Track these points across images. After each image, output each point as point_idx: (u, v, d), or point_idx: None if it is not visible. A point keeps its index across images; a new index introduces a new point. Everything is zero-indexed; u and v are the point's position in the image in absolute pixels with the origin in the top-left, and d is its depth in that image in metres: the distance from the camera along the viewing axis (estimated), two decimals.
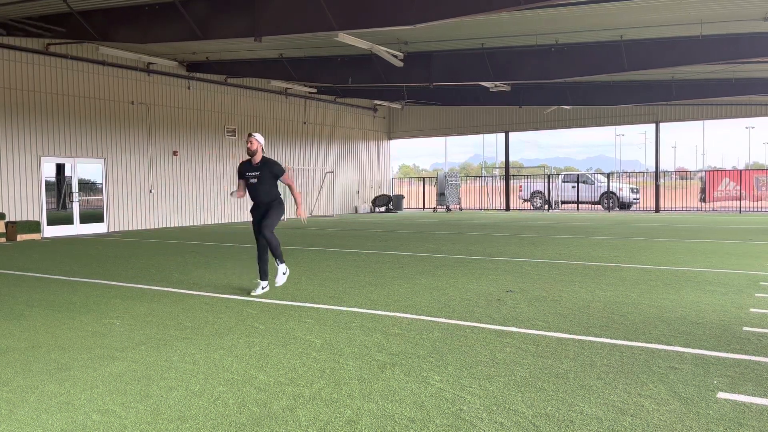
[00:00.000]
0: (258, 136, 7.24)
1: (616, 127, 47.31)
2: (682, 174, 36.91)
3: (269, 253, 7.32)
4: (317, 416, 3.52)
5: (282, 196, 7.44)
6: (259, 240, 7.31)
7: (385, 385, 4.03)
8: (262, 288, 7.38)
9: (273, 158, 7.55)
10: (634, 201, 28.73)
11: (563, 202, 30.04)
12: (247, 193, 7.46)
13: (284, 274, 7.42)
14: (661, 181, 27.99)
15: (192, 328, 5.67)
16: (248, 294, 7.28)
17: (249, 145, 7.21)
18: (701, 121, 27.03)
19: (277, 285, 7.47)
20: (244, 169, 7.38)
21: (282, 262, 7.37)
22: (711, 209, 26.94)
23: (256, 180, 7.23)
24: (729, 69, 19.20)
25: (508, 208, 30.07)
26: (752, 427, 3.30)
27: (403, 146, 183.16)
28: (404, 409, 3.61)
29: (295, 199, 7.33)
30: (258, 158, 7.25)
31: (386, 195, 29.91)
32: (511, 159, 31.51)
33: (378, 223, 21.32)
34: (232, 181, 22.45)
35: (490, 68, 18.00)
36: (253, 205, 7.39)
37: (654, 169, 27.65)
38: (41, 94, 16.66)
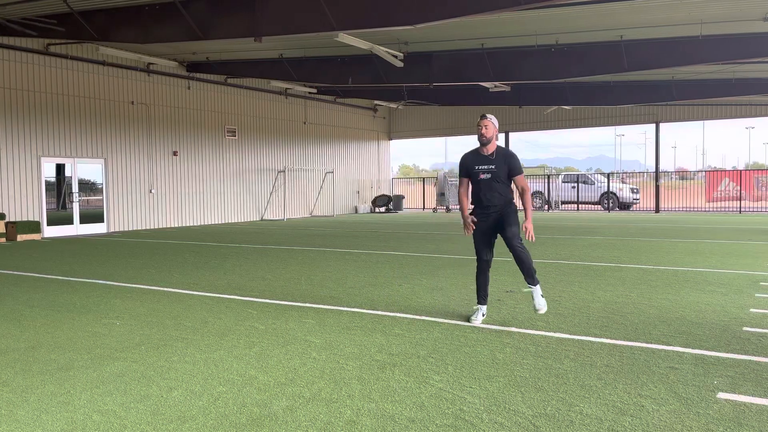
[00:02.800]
0: (493, 119, 5.64)
1: (616, 127, 47.30)
2: (682, 174, 36.92)
3: (522, 269, 5.64)
4: (317, 416, 3.52)
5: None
6: (485, 255, 5.75)
7: (385, 386, 4.03)
8: (483, 314, 5.82)
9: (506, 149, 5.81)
10: (634, 201, 28.73)
11: (563, 202, 30.04)
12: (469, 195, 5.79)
13: (542, 296, 5.70)
14: (661, 181, 27.99)
15: (192, 329, 5.67)
16: (467, 320, 5.82)
17: (483, 130, 5.58)
18: (701, 121, 27.03)
19: (539, 312, 5.67)
20: (471, 162, 5.68)
21: (537, 283, 5.67)
22: (711, 209, 26.95)
23: (489, 175, 5.56)
24: (729, 69, 19.19)
25: None
26: (752, 427, 3.30)
27: (403, 146, 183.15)
28: (404, 410, 3.61)
29: (525, 209, 5.65)
30: (492, 147, 5.63)
31: (386, 195, 29.91)
32: None
33: (378, 223, 21.32)
34: (232, 179, 22.46)
35: (490, 68, 18.00)
36: (478, 209, 5.71)
37: (654, 169, 27.64)
38: (41, 95, 16.66)
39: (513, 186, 5.70)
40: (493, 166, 5.56)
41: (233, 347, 5.01)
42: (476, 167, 5.63)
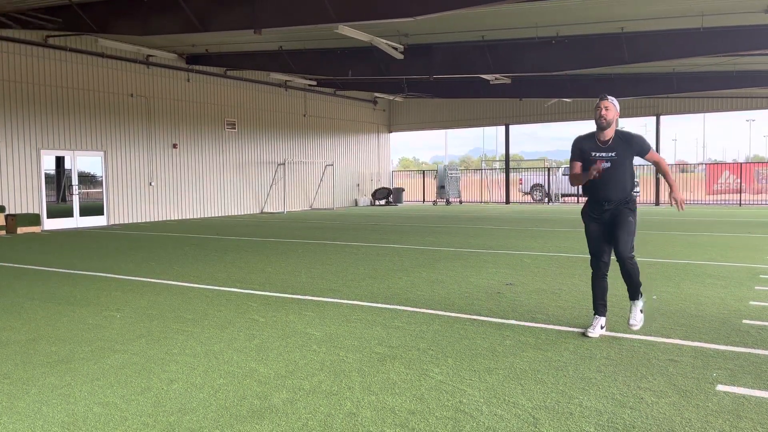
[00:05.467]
0: (614, 101, 4.87)
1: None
2: (683, 167, 36.88)
3: (628, 284, 5.00)
4: (317, 409, 3.53)
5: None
6: (601, 259, 5.07)
7: (385, 378, 4.04)
8: (602, 327, 5.03)
9: (627, 130, 5.04)
10: (634, 194, 28.68)
11: (563, 195, 30.03)
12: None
13: (642, 312, 5.01)
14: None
15: (192, 321, 5.68)
16: (583, 335, 5.03)
17: (603, 112, 4.81)
18: (702, 114, 27.01)
19: (633, 328, 4.98)
20: (587, 147, 4.94)
21: (640, 296, 5.02)
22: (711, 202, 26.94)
23: (609, 165, 4.84)
24: (730, 61, 19.14)
25: (508, 201, 30.06)
26: (751, 420, 3.31)
27: (403, 139, 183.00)
28: (404, 402, 3.61)
29: (668, 182, 4.96)
30: (611, 133, 4.89)
31: (386, 188, 29.88)
32: (511, 152, 31.48)
33: (378, 216, 21.31)
34: (232, 172, 22.44)
35: (490, 61, 17.95)
36: (594, 202, 5.03)
37: None
38: (40, 87, 16.62)
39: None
40: (613, 154, 4.85)
41: (233, 340, 5.02)
42: (593, 154, 4.90)
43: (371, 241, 12.48)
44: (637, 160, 5.04)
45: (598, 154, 4.86)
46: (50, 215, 16.87)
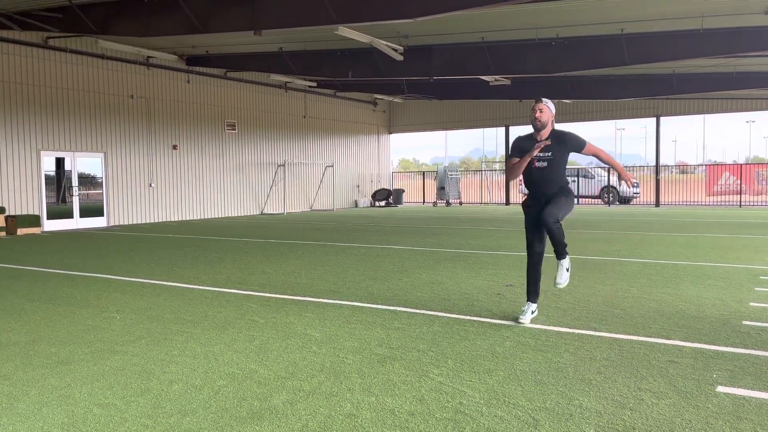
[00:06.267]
0: (549, 103, 5.31)
1: (617, 120, 47.27)
2: (683, 168, 36.90)
3: (553, 249, 5.36)
4: (317, 410, 3.52)
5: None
6: (535, 249, 5.49)
7: (385, 379, 4.04)
8: (533, 312, 5.51)
9: (561, 129, 5.44)
10: (634, 195, 28.72)
11: None
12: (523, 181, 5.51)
13: (567, 270, 5.37)
14: (662, 175, 27.98)
15: (192, 322, 5.68)
16: (515, 321, 5.49)
17: (537, 114, 5.25)
18: (702, 115, 27.02)
19: (559, 285, 5.38)
20: (527, 147, 5.32)
21: (565, 255, 5.35)
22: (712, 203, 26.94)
23: (545, 164, 5.26)
24: (730, 63, 19.14)
25: (508, 202, 30.06)
26: (751, 421, 3.31)
27: (403, 140, 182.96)
28: (404, 403, 3.61)
29: (614, 167, 5.49)
30: (547, 133, 5.30)
31: (386, 189, 29.88)
32: None
33: (378, 217, 21.31)
34: (232, 173, 22.44)
35: (490, 62, 17.96)
36: (530, 197, 5.51)
37: (654, 163, 27.62)
38: (40, 88, 16.63)
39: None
40: (549, 153, 5.24)
41: (233, 341, 5.01)
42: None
43: (371, 243, 12.48)
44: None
45: (536, 154, 5.28)
46: (50, 216, 16.87)
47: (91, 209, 17.92)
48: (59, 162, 17.31)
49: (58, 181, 17.29)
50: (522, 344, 4.82)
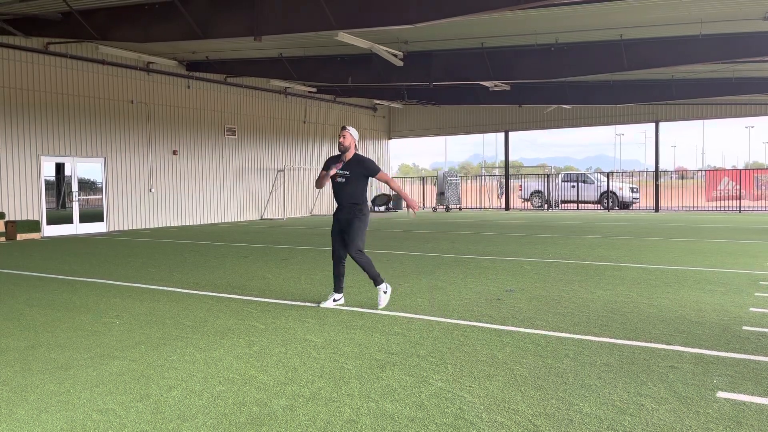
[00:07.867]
0: (353, 131, 6.46)
1: (616, 126, 47.27)
2: (682, 173, 36.93)
3: (366, 272, 6.44)
4: (317, 415, 3.52)
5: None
6: (336, 251, 6.50)
7: (385, 385, 4.03)
8: (334, 300, 6.58)
9: (363, 155, 6.62)
10: (634, 200, 28.74)
11: (563, 202, 30.03)
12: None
13: (385, 293, 6.47)
14: (661, 180, 28.00)
15: (192, 328, 5.67)
16: (318, 304, 6.61)
17: (342, 139, 6.39)
18: (701, 121, 27.05)
19: (380, 307, 6.41)
20: (331, 163, 6.49)
21: (381, 282, 6.46)
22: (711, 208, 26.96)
23: (344, 180, 6.39)
24: (729, 68, 19.19)
25: (507, 208, 30.07)
26: (752, 426, 3.30)
27: (403, 145, 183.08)
28: (404, 409, 3.61)
29: (400, 194, 6.60)
30: (350, 155, 6.44)
31: (386, 194, 29.89)
32: (510, 158, 31.49)
33: (378, 222, 21.31)
34: (231, 179, 22.46)
35: (489, 67, 18.00)
36: (337, 207, 6.57)
37: (654, 169, 27.65)
38: (41, 93, 16.65)
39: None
40: (347, 172, 6.39)
41: (233, 346, 5.01)
42: (334, 169, 6.45)
43: (370, 248, 12.47)
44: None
45: (339, 171, 6.42)
46: (50, 222, 16.87)
47: (91, 214, 17.92)
48: (59, 167, 17.31)
49: (58, 187, 17.29)
50: (522, 349, 4.81)
